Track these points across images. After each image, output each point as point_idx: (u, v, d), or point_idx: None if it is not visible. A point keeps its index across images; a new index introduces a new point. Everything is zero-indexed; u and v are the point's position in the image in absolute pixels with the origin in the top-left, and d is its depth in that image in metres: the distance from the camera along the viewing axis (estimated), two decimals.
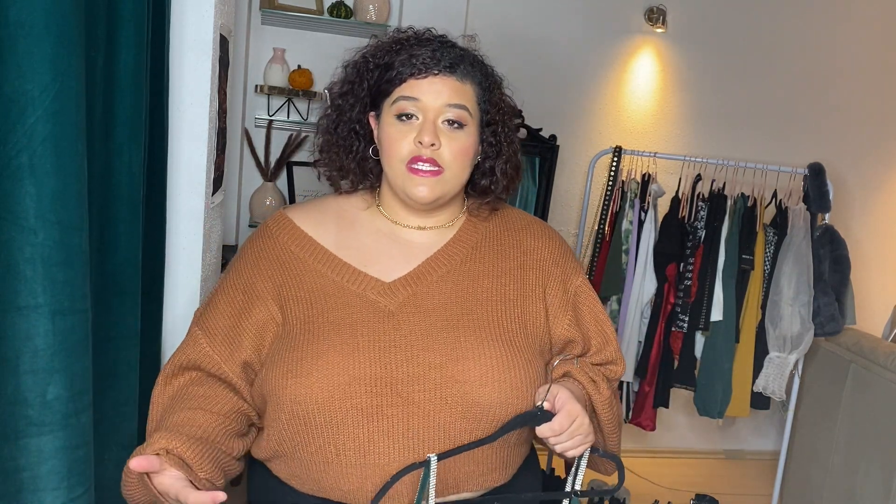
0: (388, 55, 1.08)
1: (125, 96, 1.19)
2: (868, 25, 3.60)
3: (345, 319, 1.05)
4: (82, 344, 0.99)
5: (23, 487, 0.94)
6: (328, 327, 1.05)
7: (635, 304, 2.85)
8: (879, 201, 3.81)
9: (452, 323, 1.06)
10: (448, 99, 1.06)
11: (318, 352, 1.03)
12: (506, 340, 1.07)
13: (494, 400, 1.03)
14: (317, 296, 1.08)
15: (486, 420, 1.03)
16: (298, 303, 1.08)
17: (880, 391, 2.77)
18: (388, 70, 1.07)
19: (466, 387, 1.02)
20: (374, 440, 1.01)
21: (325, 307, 1.07)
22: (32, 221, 0.90)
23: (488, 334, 1.06)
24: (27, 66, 0.88)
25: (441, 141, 1.06)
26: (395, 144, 1.06)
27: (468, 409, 1.02)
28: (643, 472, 3.57)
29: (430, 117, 1.05)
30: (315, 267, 1.10)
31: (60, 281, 0.94)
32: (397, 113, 1.06)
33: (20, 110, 0.89)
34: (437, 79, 1.06)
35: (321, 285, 1.09)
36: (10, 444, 0.93)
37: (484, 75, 1.14)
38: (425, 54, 1.06)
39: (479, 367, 1.03)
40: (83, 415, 0.99)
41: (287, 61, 2.97)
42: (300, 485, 1.08)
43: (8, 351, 0.92)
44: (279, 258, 1.12)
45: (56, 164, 0.91)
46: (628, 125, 3.45)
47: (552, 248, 1.20)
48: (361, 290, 1.07)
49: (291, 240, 1.13)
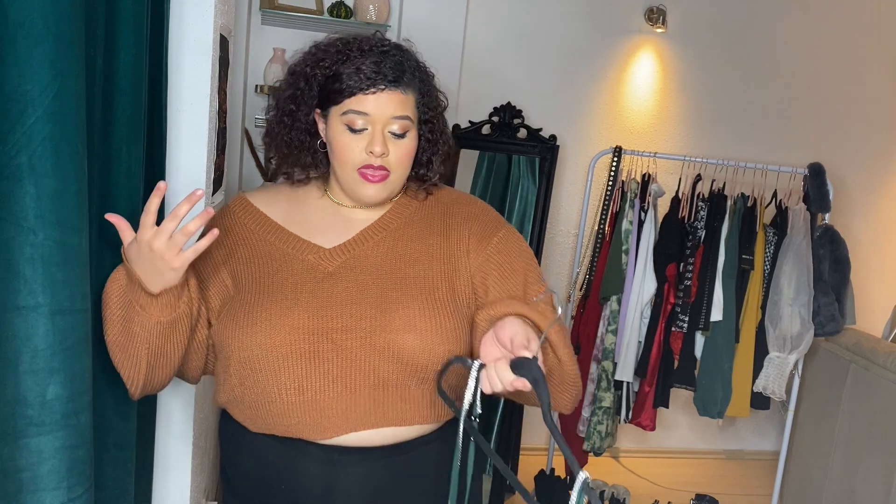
0: (334, 64, 1.18)
1: (125, 96, 1.19)
2: (868, 25, 3.60)
3: (288, 279, 1.19)
4: (82, 344, 0.99)
5: (22, 487, 0.94)
6: (274, 287, 1.19)
7: (635, 304, 2.85)
8: (879, 201, 3.81)
9: (382, 280, 1.20)
10: (394, 111, 1.17)
11: (264, 306, 1.17)
12: (429, 293, 1.20)
13: (417, 345, 1.15)
14: (264, 260, 1.22)
15: (412, 364, 1.16)
16: (248, 267, 1.22)
17: (880, 391, 2.77)
18: (336, 81, 1.17)
19: (392, 334, 1.15)
20: (312, 380, 1.15)
21: (271, 270, 1.21)
22: (32, 221, 0.90)
23: (413, 288, 1.20)
24: (27, 66, 0.88)
25: (388, 148, 1.18)
26: (347, 152, 1.18)
27: (394, 353, 1.16)
28: (643, 472, 3.57)
29: (378, 128, 1.17)
30: (264, 237, 1.25)
31: (60, 281, 0.94)
32: (347, 124, 1.17)
33: (20, 110, 0.89)
34: (384, 94, 1.16)
35: (268, 252, 1.23)
36: (10, 444, 0.93)
37: (421, 80, 1.23)
38: (371, 68, 1.16)
39: (403, 316, 1.16)
40: (83, 415, 0.99)
41: (287, 61, 2.97)
42: (252, 425, 1.21)
43: (7, 351, 0.92)
44: (234, 230, 1.27)
45: (56, 164, 0.91)
46: (628, 125, 3.45)
47: (475, 211, 1.31)
48: (304, 256, 1.22)
49: (246, 215, 1.28)
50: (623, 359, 2.86)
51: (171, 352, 1.16)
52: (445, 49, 3.01)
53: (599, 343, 2.93)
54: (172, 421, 1.68)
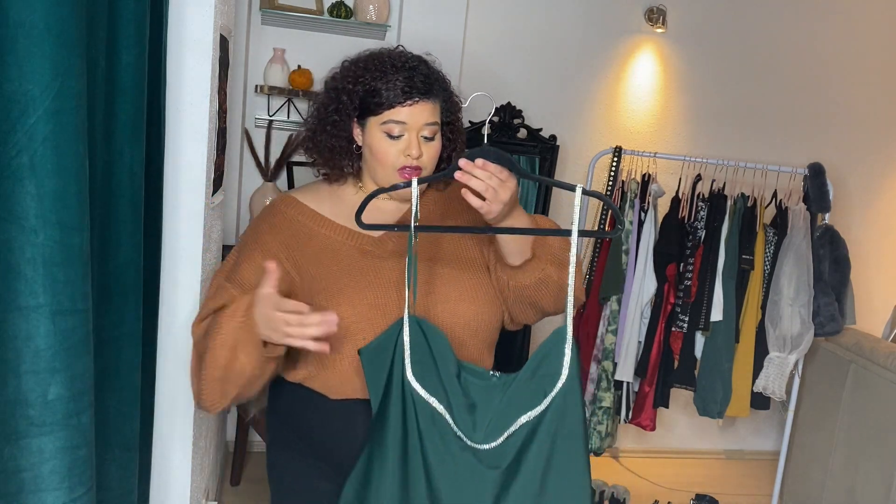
0: (372, 80, 1.37)
1: (126, 96, 1.19)
2: (868, 25, 3.60)
3: (353, 265, 1.37)
4: (83, 344, 0.99)
5: (24, 487, 0.94)
6: (339, 274, 1.36)
7: (635, 304, 2.85)
8: (879, 201, 3.81)
9: (430, 259, 1.40)
10: (426, 119, 1.37)
11: (338, 289, 1.34)
12: (468, 264, 1.42)
13: (471, 311, 1.38)
14: (324, 252, 1.39)
15: (468, 328, 1.37)
16: (309, 260, 1.39)
17: (880, 391, 2.77)
18: (375, 95, 1.36)
19: (450, 304, 1.36)
20: None
21: (333, 260, 1.38)
22: (33, 221, 0.90)
23: (455, 263, 1.41)
24: (27, 66, 0.88)
25: (421, 150, 1.37)
26: (387, 156, 1.37)
27: (452, 320, 1.36)
28: (643, 472, 3.57)
29: (413, 135, 1.36)
30: (317, 230, 1.42)
31: (61, 281, 0.94)
32: (387, 132, 1.36)
33: (21, 110, 0.89)
34: (417, 105, 1.35)
35: (325, 244, 1.40)
36: (12, 445, 0.93)
37: (443, 88, 1.43)
38: (405, 83, 1.35)
39: (456, 289, 1.38)
40: (84, 415, 0.99)
41: (287, 61, 2.97)
42: (331, 393, 1.37)
43: (9, 351, 0.92)
44: (289, 227, 1.42)
45: (57, 164, 0.91)
46: (628, 125, 3.45)
47: None
48: (357, 245, 1.40)
49: (297, 212, 1.45)
50: (623, 359, 2.86)
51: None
52: (445, 49, 3.01)
53: (599, 343, 2.93)
54: (172, 421, 1.68)
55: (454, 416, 1.24)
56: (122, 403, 1.24)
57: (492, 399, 1.25)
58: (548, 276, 1.36)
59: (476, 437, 1.24)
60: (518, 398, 1.24)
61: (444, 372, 1.24)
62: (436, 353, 1.25)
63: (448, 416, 1.24)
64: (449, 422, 1.24)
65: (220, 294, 1.37)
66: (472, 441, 1.24)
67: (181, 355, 1.69)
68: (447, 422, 1.24)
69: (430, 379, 1.24)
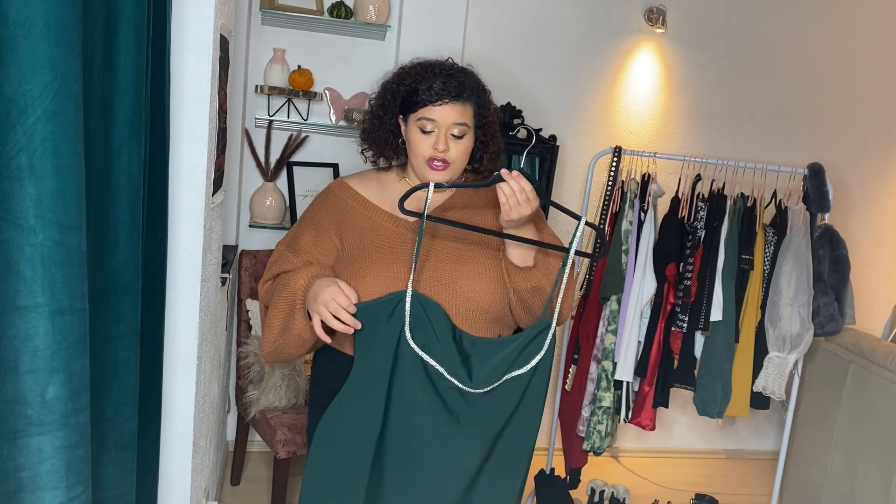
0: (413, 82, 1.58)
1: (124, 96, 1.19)
2: (868, 26, 3.60)
3: (385, 244, 1.58)
4: (81, 343, 0.99)
5: (22, 486, 0.94)
6: (373, 250, 1.57)
7: (635, 304, 2.85)
8: (879, 201, 3.81)
9: (456, 242, 1.59)
10: (454, 119, 1.56)
11: (370, 263, 1.55)
12: (486, 247, 1.60)
13: (486, 289, 1.56)
14: (365, 231, 1.61)
15: (481, 304, 1.55)
16: (353, 235, 1.61)
17: (880, 391, 2.77)
18: (414, 95, 1.57)
19: (468, 281, 1.55)
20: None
21: (372, 238, 1.60)
22: (32, 221, 0.91)
23: (477, 246, 1.60)
24: (27, 66, 0.88)
25: (449, 146, 1.57)
26: (419, 148, 1.58)
27: (468, 296, 1.55)
28: (643, 472, 3.57)
29: (443, 131, 1.56)
30: (363, 213, 1.64)
31: (60, 281, 0.94)
32: (420, 127, 1.57)
33: (20, 110, 0.89)
34: (447, 105, 1.55)
35: (367, 225, 1.62)
36: (10, 444, 0.94)
37: (478, 96, 1.61)
38: (439, 86, 1.55)
39: (475, 268, 1.57)
40: (81, 414, 0.99)
41: (287, 61, 2.98)
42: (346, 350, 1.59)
43: (7, 350, 0.92)
44: (339, 208, 1.65)
45: (55, 165, 0.92)
46: (628, 125, 3.45)
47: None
48: (395, 227, 1.61)
49: (347, 195, 1.67)
50: (623, 358, 2.86)
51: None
52: (445, 49, 3.01)
53: (599, 343, 2.93)
54: (173, 421, 1.68)
55: (449, 370, 1.47)
56: (119, 403, 1.24)
57: (486, 356, 1.50)
58: (542, 287, 1.56)
59: (469, 385, 1.47)
60: (508, 359, 1.50)
61: (441, 336, 1.47)
62: (434, 322, 1.47)
63: (442, 369, 1.47)
64: (441, 371, 1.47)
65: (281, 260, 1.62)
66: (464, 385, 1.47)
67: (180, 355, 1.69)
68: (440, 372, 1.47)
69: (429, 341, 1.47)
